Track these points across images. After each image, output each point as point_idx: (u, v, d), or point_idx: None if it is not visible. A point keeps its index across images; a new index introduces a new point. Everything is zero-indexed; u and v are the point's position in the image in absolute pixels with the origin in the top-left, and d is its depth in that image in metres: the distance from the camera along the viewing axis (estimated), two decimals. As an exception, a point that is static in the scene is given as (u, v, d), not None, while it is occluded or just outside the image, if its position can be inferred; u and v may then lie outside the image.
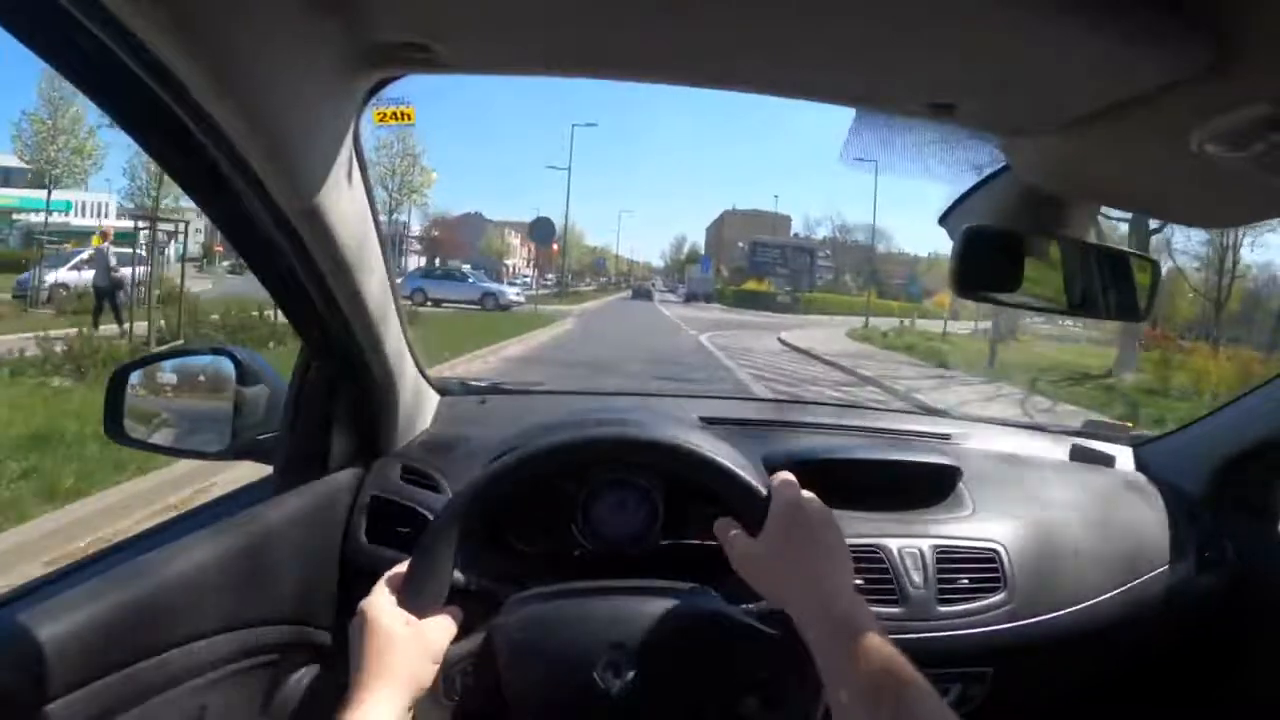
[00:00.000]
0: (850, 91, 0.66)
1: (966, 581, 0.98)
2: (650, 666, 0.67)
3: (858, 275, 54.83)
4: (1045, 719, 1.12)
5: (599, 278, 61.45)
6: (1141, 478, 1.21)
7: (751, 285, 48.31)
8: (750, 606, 0.71)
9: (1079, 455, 1.24)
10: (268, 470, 0.95)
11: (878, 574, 0.95)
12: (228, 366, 0.95)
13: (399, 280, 0.78)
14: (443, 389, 1.19)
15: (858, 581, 0.91)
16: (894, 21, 0.50)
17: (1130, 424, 1.40)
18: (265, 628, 0.82)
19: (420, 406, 1.10)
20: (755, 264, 52.04)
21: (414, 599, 0.67)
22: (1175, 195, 0.75)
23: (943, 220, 0.84)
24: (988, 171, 0.81)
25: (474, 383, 1.29)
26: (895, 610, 0.94)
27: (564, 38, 0.60)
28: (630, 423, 0.89)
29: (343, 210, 0.71)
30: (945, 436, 1.25)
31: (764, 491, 0.70)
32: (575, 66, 0.66)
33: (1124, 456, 1.27)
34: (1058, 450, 1.27)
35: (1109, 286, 0.84)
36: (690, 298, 45.61)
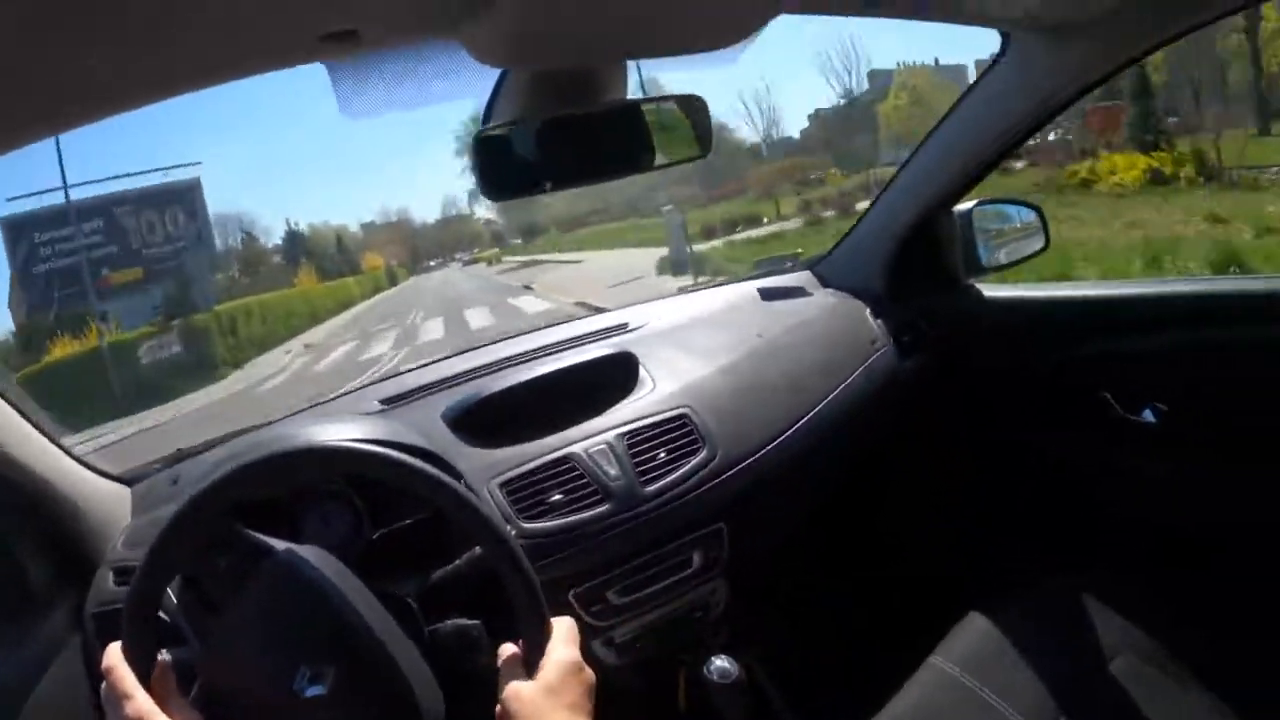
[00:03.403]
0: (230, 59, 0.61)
1: (664, 454, 0.98)
2: (346, 679, 0.64)
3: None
4: (804, 545, 1.15)
5: None
6: (823, 293, 1.27)
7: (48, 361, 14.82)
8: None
9: (767, 295, 1.28)
10: None
11: (573, 481, 0.94)
12: None
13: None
14: (132, 479, 1.09)
15: (557, 497, 0.92)
16: None
17: (799, 250, 1.47)
18: None
19: (111, 506, 1.01)
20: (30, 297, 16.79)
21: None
22: (651, 24, 0.75)
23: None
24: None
25: (162, 457, 1.17)
26: (603, 509, 0.93)
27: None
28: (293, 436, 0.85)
29: None
30: (623, 326, 1.26)
31: (549, 628, 0.67)
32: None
33: (804, 280, 1.33)
34: (736, 298, 1.31)
35: (668, 132, 0.85)
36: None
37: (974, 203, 1.28)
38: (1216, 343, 1.06)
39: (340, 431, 0.85)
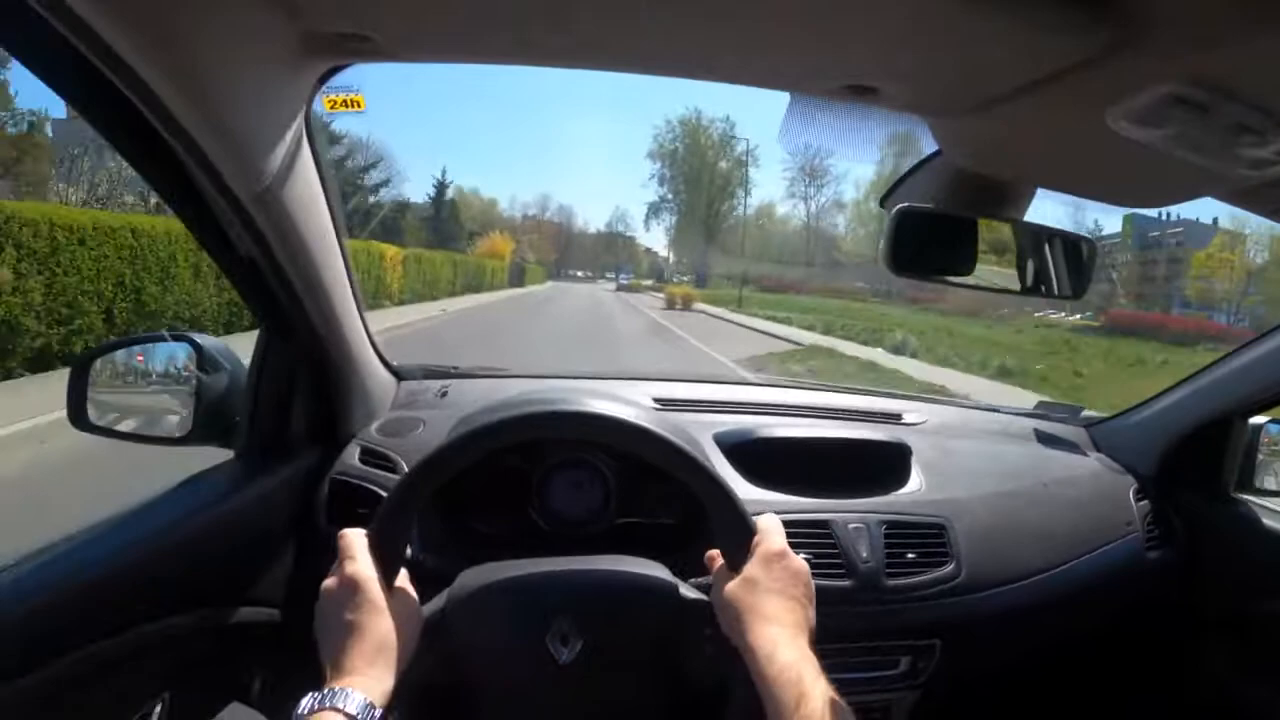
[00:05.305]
0: (769, 74, 0.66)
1: (914, 555, 0.99)
2: (598, 636, 0.68)
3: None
4: (994, 689, 1.15)
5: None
6: (1092, 457, 1.24)
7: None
8: (699, 581, 0.72)
9: (1044, 439, 1.26)
10: (229, 455, 0.95)
11: (826, 548, 0.96)
12: (188, 353, 0.94)
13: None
14: (403, 374, 1.19)
15: (804, 557, 0.95)
16: (810, 6, 0.50)
17: (1083, 405, 1.42)
18: (224, 608, 0.85)
19: (380, 391, 1.12)
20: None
21: (379, 567, 0.65)
22: (1100, 175, 0.75)
23: (883, 202, 0.85)
24: (926, 154, 0.82)
25: (434, 367, 1.28)
26: (845, 584, 0.95)
27: (495, 27, 0.61)
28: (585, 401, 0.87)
29: (297, 195, 0.74)
30: (896, 415, 1.26)
31: (753, 529, 0.69)
32: (507, 54, 0.66)
33: (1077, 437, 1.30)
34: (1011, 430, 1.29)
35: (1048, 266, 0.86)
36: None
37: (1269, 419, 1.21)
38: None
39: (626, 411, 0.80)
